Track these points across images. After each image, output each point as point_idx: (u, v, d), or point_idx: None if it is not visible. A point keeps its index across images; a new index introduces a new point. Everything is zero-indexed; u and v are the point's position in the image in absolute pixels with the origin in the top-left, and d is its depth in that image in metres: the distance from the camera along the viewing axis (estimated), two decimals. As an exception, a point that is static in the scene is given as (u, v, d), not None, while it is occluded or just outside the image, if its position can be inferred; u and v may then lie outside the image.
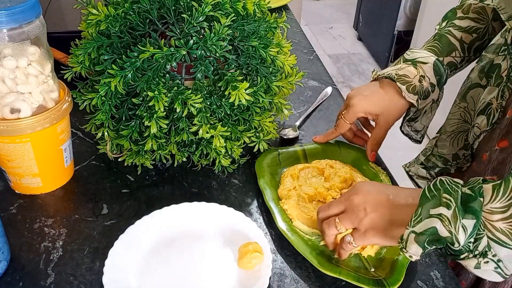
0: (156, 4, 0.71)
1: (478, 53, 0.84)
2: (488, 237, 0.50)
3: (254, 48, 0.75)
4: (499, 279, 0.51)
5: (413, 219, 0.53)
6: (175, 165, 0.80)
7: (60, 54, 0.97)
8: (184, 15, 0.69)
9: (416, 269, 0.64)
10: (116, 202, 0.73)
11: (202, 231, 0.67)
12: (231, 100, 0.70)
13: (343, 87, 2.97)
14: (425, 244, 0.52)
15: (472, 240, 0.50)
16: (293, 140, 0.88)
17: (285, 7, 1.46)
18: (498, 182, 0.51)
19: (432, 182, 0.54)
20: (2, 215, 0.70)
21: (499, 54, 0.73)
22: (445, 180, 0.54)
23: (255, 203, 0.74)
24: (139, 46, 0.68)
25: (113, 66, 0.68)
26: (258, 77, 0.76)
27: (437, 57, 0.81)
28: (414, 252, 0.53)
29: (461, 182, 0.54)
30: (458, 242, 0.50)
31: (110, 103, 0.71)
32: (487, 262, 0.50)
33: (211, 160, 0.78)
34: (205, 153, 0.76)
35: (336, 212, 0.60)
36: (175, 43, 0.68)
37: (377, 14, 3.20)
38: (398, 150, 1.37)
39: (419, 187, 0.93)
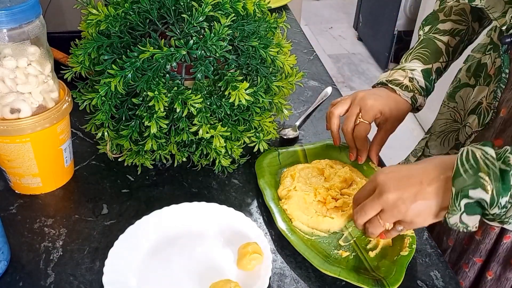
0: (156, 4, 0.71)
1: (458, 55, 0.85)
2: None
3: (254, 48, 0.75)
4: None
5: (451, 205, 0.52)
6: (175, 165, 0.80)
7: (60, 54, 0.97)
8: (184, 15, 0.69)
9: (416, 269, 0.64)
10: (116, 202, 0.73)
11: (202, 231, 0.67)
12: (231, 100, 0.70)
13: (343, 87, 2.97)
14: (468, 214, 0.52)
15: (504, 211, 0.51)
16: (293, 140, 0.88)
17: (285, 7, 1.46)
18: None
19: (463, 155, 0.53)
20: (2, 215, 0.70)
21: (486, 53, 0.74)
22: (476, 152, 0.52)
23: (255, 203, 0.74)
24: (139, 46, 0.68)
25: (113, 66, 0.68)
26: (258, 77, 0.76)
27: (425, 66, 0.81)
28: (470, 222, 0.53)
29: (492, 153, 0.52)
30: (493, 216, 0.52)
31: (110, 103, 0.71)
32: None
33: (211, 160, 0.78)
34: (205, 153, 0.76)
35: (374, 213, 0.60)
36: (175, 43, 0.68)
37: (377, 14, 3.20)
38: (398, 150, 1.37)
39: None
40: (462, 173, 0.52)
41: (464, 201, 0.51)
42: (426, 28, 0.85)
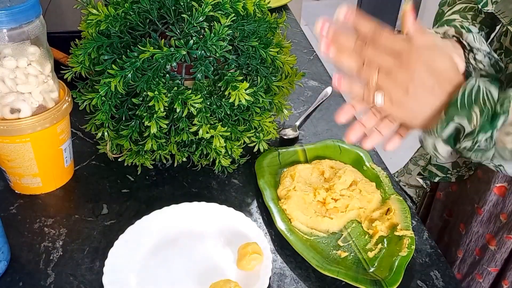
0: (156, 4, 0.71)
1: (486, 28, 0.75)
2: (498, 153, 0.52)
3: (254, 48, 0.75)
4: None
5: (435, 128, 0.53)
6: (175, 165, 0.80)
7: (60, 54, 0.97)
8: (184, 15, 0.69)
9: (416, 269, 0.64)
10: (116, 202, 0.73)
11: (202, 231, 0.67)
12: (231, 100, 0.70)
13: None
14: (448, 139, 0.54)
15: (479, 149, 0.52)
16: (293, 140, 0.88)
17: (285, 7, 1.46)
18: None
19: (467, 86, 0.52)
20: (2, 215, 0.70)
21: (501, 57, 0.72)
22: (481, 88, 0.52)
23: (255, 203, 0.74)
24: (139, 46, 0.68)
25: (113, 66, 0.68)
26: (258, 77, 0.76)
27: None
28: (442, 151, 0.54)
29: (495, 95, 0.52)
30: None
31: (110, 103, 0.71)
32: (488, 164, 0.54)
33: (211, 160, 0.78)
34: (205, 153, 0.76)
35: (381, 63, 0.53)
36: (175, 43, 0.68)
37: (377, 14, 3.20)
38: (398, 151, 1.37)
39: (408, 194, 0.91)
40: (458, 104, 0.52)
41: (448, 130, 0.52)
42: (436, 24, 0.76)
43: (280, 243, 0.67)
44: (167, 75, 0.71)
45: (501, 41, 0.71)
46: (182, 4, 0.70)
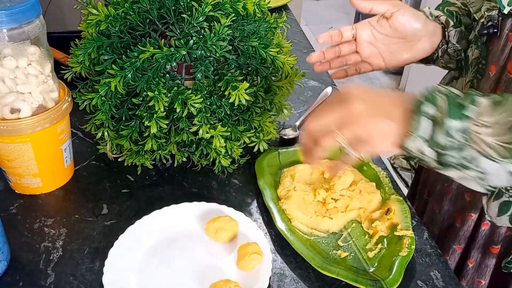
0: (156, 4, 0.71)
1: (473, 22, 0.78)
2: (476, 149, 0.48)
3: (254, 48, 0.75)
4: (479, 189, 0.51)
5: (412, 124, 0.50)
6: (175, 165, 0.80)
7: (60, 54, 0.97)
8: (184, 15, 0.69)
9: (416, 269, 0.64)
10: (116, 202, 0.73)
11: (202, 231, 0.67)
12: (231, 100, 0.70)
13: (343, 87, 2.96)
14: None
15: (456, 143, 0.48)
16: (293, 140, 0.88)
17: (285, 7, 1.46)
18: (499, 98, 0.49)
19: (430, 88, 0.51)
20: (2, 215, 0.70)
21: (471, 45, 0.75)
22: (443, 88, 0.51)
23: (255, 203, 0.74)
24: (139, 46, 0.68)
25: (113, 66, 0.68)
26: (258, 77, 0.76)
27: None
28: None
29: (457, 92, 0.51)
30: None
31: (110, 103, 0.71)
32: (470, 170, 0.49)
33: (211, 160, 0.78)
34: (205, 153, 0.76)
35: (331, 120, 0.53)
36: (175, 43, 0.68)
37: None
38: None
39: (402, 179, 0.95)
40: (422, 99, 0.50)
41: (421, 125, 0.49)
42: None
43: (280, 243, 0.67)
44: (167, 75, 0.71)
45: (474, 29, 0.74)
46: (182, 4, 0.70)
